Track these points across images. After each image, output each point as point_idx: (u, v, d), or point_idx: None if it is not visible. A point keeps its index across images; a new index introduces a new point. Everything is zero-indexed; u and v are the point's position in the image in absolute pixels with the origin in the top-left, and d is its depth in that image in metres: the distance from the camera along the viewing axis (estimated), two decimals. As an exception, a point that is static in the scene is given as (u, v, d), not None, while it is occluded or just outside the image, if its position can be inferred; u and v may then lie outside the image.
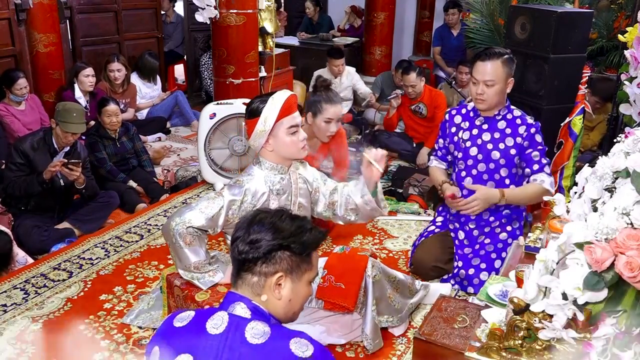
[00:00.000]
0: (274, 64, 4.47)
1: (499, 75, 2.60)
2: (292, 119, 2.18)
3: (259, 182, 2.22)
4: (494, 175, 2.77)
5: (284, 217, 1.41)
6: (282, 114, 2.16)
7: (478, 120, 2.77)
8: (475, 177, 2.79)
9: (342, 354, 2.35)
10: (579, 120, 3.19)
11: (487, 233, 2.84)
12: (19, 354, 2.36)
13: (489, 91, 2.62)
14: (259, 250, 1.34)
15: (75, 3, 5.13)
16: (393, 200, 3.90)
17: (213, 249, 3.18)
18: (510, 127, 2.71)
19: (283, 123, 2.17)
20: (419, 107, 4.69)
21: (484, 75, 2.60)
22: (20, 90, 4.13)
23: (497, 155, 2.73)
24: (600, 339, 1.27)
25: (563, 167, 3.25)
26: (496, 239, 2.82)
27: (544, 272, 1.37)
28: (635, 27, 3.02)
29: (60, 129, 3.28)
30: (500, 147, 2.72)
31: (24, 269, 2.99)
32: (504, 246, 2.78)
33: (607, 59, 4.52)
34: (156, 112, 5.51)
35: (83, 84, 4.62)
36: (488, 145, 2.74)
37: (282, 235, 1.36)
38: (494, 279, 2.03)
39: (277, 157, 2.24)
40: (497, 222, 2.82)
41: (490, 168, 2.75)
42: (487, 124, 2.75)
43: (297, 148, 2.22)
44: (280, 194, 2.26)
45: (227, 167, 4.14)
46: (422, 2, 7.43)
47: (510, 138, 2.70)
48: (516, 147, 2.70)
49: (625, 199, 1.26)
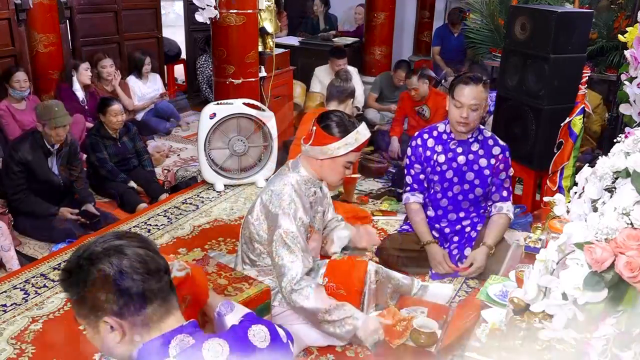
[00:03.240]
0: (274, 64, 4.47)
1: (482, 99, 2.69)
2: (355, 156, 2.30)
3: (292, 189, 2.25)
4: (469, 196, 2.87)
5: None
6: (356, 150, 2.24)
7: (452, 144, 2.83)
8: (451, 198, 2.90)
9: (342, 353, 2.35)
10: (579, 120, 3.19)
11: (457, 230, 2.96)
12: (19, 354, 2.36)
13: (473, 115, 2.69)
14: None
15: (75, 3, 5.13)
16: (393, 201, 3.90)
17: (213, 249, 3.19)
18: (483, 149, 2.80)
19: (348, 156, 2.25)
20: (422, 109, 4.70)
21: (468, 99, 2.66)
22: (18, 83, 4.11)
23: (471, 176, 2.83)
24: (600, 339, 1.27)
25: (563, 167, 3.25)
26: (462, 233, 2.95)
27: (544, 272, 1.37)
28: (635, 27, 3.01)
29: (48, 128, 3.30)
30: (474, 168, 2.81)
31: (24, 269, 2.99)
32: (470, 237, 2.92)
33: (607, 59, 4.52)
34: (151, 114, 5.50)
35: (83, 76, 4.70)
36: (463, 167, 2.82)
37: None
38: (494, 279, 2.03)
39: (316, 173, 2.31)
40: (468, 221, 2.94)
41: (465, 189, 2.86)
42: (461, 147, 2.82)
43: (339, 178, 2.33)
44: (312, 206, 2.33)
45: (227, 167, 4.14)
46: (422, 2, 7.42)
47: (484, 159, 2.80)
48: (489, 168, 2.80)
49: (625, 199, 1.26)
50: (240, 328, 1.23)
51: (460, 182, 2.84)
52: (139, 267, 1.12)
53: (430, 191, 2.93)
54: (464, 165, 2.82)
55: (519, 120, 3.48)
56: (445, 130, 2.85)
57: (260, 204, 2.27)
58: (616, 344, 1.25)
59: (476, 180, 2.82)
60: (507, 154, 2.82)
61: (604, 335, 1.26)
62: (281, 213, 2.19)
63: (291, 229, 2.17)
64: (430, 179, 2.90)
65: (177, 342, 1.14)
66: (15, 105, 4.21)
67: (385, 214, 3.74)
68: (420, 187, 2.94)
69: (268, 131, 4.10)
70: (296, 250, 2.18)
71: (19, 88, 4.14)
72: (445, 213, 2.93)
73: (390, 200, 3.92)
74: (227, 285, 2.18)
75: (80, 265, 1.13)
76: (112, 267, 1.10)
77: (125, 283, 1.10)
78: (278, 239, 2.20)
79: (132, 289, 1.11)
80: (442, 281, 2.86)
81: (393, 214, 3.72)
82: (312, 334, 2.35)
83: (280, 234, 2.18)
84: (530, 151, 3.43)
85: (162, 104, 5.56)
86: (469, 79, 2.69)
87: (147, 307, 1.13)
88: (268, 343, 1.21)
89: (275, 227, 2.20)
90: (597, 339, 1.27)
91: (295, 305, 2.17)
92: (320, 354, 2.34)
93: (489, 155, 2.79)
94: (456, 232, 2.95)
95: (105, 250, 1.13)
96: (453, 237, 2.95)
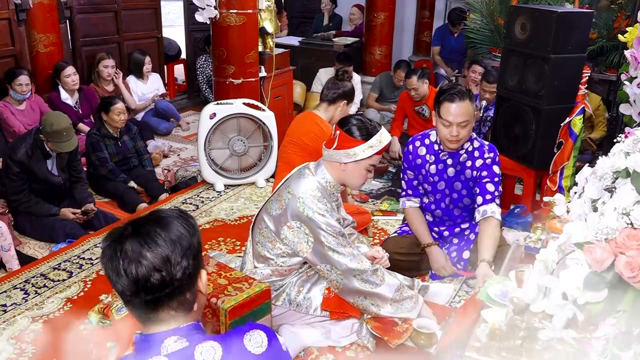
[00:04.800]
0: (274, 64, 4.47)
1: (470, 114, 2.64)
2: (377, 159, 2.31)
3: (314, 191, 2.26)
4: (459, 204, 2.88)
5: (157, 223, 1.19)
6: (378, 152, 2.26)
7: (443, 155, 2.81)
8: (444, 209, 2.90)
9: (342, 353, 2.35)
10: (579, 120, 3.19)
11: (456, 233, 2.95)
12: (19, 354, 2.36)
13: (463, 131, 2.65)
14: (187, 268, 1.16)
15: (75, 3, 5.13)
16: (393, 200, 3.90)
17: (213, 249, 3.18)
18: (470, 159, 2.79)
19: (372, 159, 2.27)
20: (422, 109, 4.69)
21: (456, 117, 2.61)
22: (20, 87, 4.12)
23: (459, 186, 2.83)
24: (600, 339, 1.27)
25: (563, 167, 3.25)
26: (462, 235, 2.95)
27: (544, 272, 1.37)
28: (635, 27, 3.01)
29: (51, 145, 3.32)
30: (461, 178, 2.81)
31: (24, 269, 2.99)
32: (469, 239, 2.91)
33: (607, 59, 4.51)
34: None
35: (66, 84, 4.56)
36: (453, 179, 2.82)
37: (187, 239, 1.18)
38: (494, 279, 2.03)
39: (339, 177, 2.32)
40: (467, 224, 2.94)
41: (454, 198, 2.86)
42: (452, 158, 2.81)
43: (361, 182, 2.35)
44: (334, 209, 2.33)
45: (227, 167, 4.14)
46: (422, 2, 7.43)
47: (469, 170, 2.79)
48: (472, 179, 2.79)
49: (625, 199, 1.26)
50: (236, 332, 1.22)
51: (451, 194, 2.84)
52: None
53: (425, 199, 2.93)
54: (453, 176, 2.81)
55: (519, 120, 3.48)
56: (437, 140, 2.80)
57: (293, 212, 2.24)
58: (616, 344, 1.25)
59: (463, 190, 2.82)
60: (489, 161, 2.74)
61: (604, 335, 1.26)
62: (319, 217, 2.21)
63: (332, 224, 2.21)
64: (424, 187, 2.90)
65: (171, 342, 1.15)
66: (15, 105, 4.21)
67: (385, 214, 3.74)
68: (415, 192, 2.93)
69: (268, 131, 4.10)
70: (347, 244, 2.25)
71: (20, 91, 4.14)
72: (442, 220, 2.94)
73: (390, 200, 3.93)
74: (227, 285, 2.18)
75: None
76: None
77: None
78: (328, 238, 2.21)
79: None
80: (442, 281, 2.86)
81: (393, 214, 3.72)
82: (312, 334, 2.35)
83: (327, 234, 2.20)
84: (530, 151, 3.43)
85: (162, 103, 5.56)
86: (454, 95, 2.59)
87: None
88: (264, 349, 1.19)
89: (316, 228, 2.21)
90: (597, 339, 1.27)
91: (367, 290, 2.25)
92: (320, 354, 2.34)
93: (473, 167, 2.78)
94: (455, 234, 2.95)
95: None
96: (452, 240, 2.95)
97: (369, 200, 3.96)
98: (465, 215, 2.91)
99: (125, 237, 1.15)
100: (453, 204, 2.87)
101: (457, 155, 2.78)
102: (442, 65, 6.52)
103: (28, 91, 4.19)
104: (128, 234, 1.16)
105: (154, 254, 1.13)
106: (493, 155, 2.77)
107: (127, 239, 1.15)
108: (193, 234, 1.20)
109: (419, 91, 4.57)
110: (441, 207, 2.89)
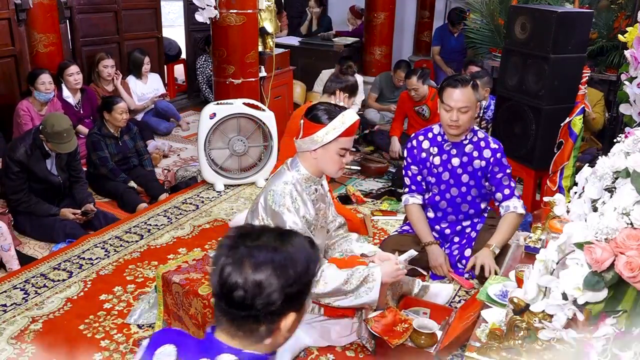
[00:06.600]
0: (274, 64, 4.47)
1: (472, 101, 2.68)
2: (348, 141, 2.24)
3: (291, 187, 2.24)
4: (466, 197, 2.88)
5: (280, 239, 1.15)
6: (345, 133, 2.20)
7: (447, 146, 2.83)
8: (450, 200, 2.90)
9: (342, 353, 2.35)
10: (579, 120, 3.19)
11: (457, 231, 2.96)
12: (19, 354, 2.36)
13: (463, 117, 2.68)
14: (272, 305, 1.09)
15: (75, 3, 5.12)
16: (393, 200, 3.90)
17: (213, 249, 3.18)
18: (477, 150, 2.80)
19: (339, 142, 2.22)
20: (422, 109, 4.69)
21: (457, 102, 2.65)
22: (43, 85, 4.11)
23: (466, 178, 2.83)
24: (600, 339, 1.27)
25: (563, 167, 3.25)
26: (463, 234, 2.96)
27: (544, 272, 1.37)
28: (635, 27, 3.01)
29: (51, 145, 3.32)
30: (468, 169, 2.82)
31: (24, 269, 2.99)
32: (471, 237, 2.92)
33: (607, 59, 4.52)
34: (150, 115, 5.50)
35: (69, 82, 4.59)
36: (458, 169, 2.83)
37: (294, 277, 1.10)
38: (494, 279, 2.03)
39: (314, 168, 2.29)
40: (468, 222, 2.95)
41: (462, 191, 2.86)
42: (455, 148, 2.82)
43: (337, 168, 2.28)
44: (314, 204, 2.31)
45: (227, 167, 4.14)
46: (422, 2, 7.43)
47: (477, 160, 2.80)
48: (482, 170, 2.80)
49: (625, 199, 1.26)
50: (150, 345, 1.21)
51: (457, 184, 2.84)
52: None
53: (428, 193, 2.93)
54: (458, 167, 2.82)
55: (519, 120, 3.48)
56: (440, 132, 2.85)
57: (263, 204, 2.27)
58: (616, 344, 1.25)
59: (471, 181, 2.83)
60: (499, 155, 2.78)
61: (604, 335, 1.26)
62: (285, 211, 2.19)
63: (297, 222, 2.18)
64: (427, 180, 2.90)
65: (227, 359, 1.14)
66: (36, 108, 4.19)
67: (385, 214, 3.74)
68: (418, 188, 2.94)
69: (268, 131, 4.10)
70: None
71: (44, 90, 4.13)
72: (445, 215, 2.94)
73: (390, 200, 3.93)
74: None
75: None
76: None
77: None
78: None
79: None
80: (443, 281, 2.86)
81: (393, 214, 3.72)
82: (312, 334, 2.35)
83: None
84: (530, 151, 3.43)
85: (162, 104, 5.56)
86: (456, 81, 2.68)
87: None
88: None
89: (281, 224, 2.19)
90: (597, 339, 1.27)
91: (319, 294, 2.19)
92: (320, 354, 2.34)
93: (481, 157, 2.79)
94: (456, 232, 2.95)
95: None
96: (453, 238, 2.95)
97: (369, 201, 3.95)
98: (470, 209, 2.90)
99: (252, 240, 1.12)
100: (461, 197, 2.87)
101: (462, 145, 2.80)
102: (442, 66, 6.52)
103: (52, 90, 4.18)
104: (255, 242, 1.12)
105: (254, 275, 1.08)
106: (499, 147, 2.81)
107: (250, 246, 1.11)
108: (308, 282, 1.15)
109: (419, 91, 4.57)
110: (446, 198, 2.88)
